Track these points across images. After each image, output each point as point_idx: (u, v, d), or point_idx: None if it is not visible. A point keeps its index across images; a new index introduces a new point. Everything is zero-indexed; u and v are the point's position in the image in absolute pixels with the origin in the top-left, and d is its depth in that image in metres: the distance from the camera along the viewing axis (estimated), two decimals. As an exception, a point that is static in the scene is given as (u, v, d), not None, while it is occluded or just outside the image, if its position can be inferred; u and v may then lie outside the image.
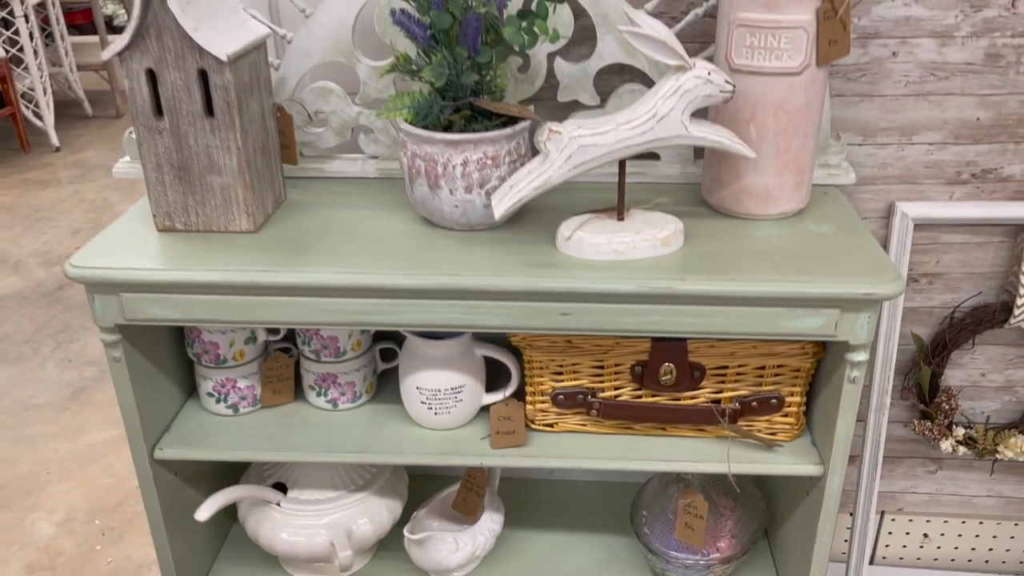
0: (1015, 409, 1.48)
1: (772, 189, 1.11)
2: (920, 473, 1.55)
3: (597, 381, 1.17)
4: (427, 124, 1.07)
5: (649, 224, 1.06)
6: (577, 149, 1.00)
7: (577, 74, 1.21)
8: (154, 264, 1.05)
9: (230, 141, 1.06)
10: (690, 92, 0.98)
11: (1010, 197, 1.32)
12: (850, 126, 1.28)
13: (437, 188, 1.07)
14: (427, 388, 1.17)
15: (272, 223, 1.15)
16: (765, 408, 1.16)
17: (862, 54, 1.24)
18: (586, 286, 1.00)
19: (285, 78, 1.24)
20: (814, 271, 1.01)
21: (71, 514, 2.13)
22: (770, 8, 1.01)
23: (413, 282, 1.01)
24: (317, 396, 1.25)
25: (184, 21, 0.98)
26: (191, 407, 1.28)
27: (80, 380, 2.69)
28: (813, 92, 1.06)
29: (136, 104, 1.05)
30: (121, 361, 1.10)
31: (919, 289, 1.39)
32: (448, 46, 1.03)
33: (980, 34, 1.21)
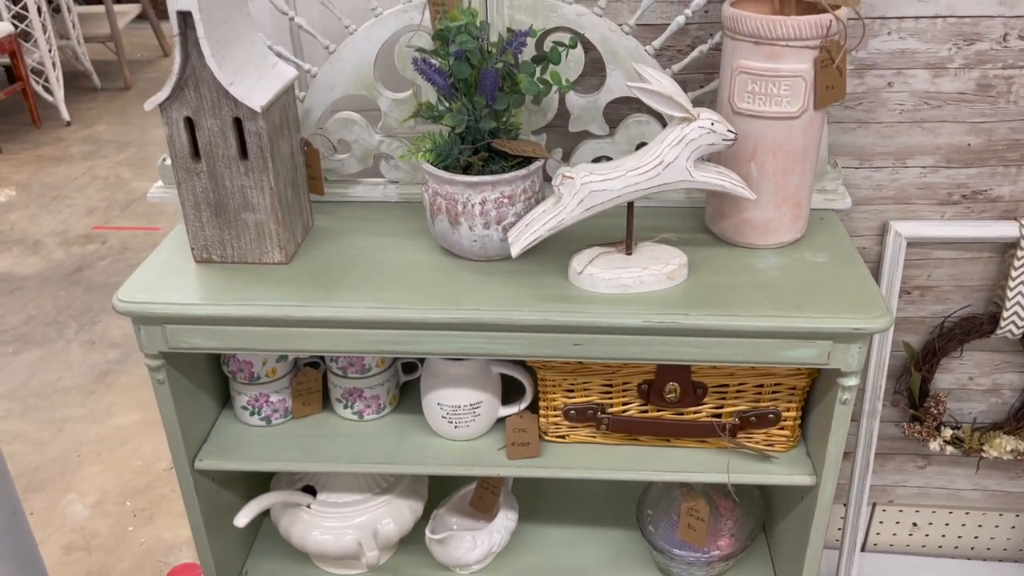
0: (1000, 410, 1.56)
1: (771, 222, 1.18)
2: (910, 468, 1.64)
3: (606, 398, 1.25)
4: (448, 165, 1.14)
5: (655, 259, 1.13)
6: (588, 194, 1.07)
7: (587, 106, 1.27)
8: (194, 297, 1.13)
9: (263, 182, 1.13)
10: (695, 141, 1.05)
11: (999, 216, 1.38)
12: (847, 151, 1.35)
13: (457, 224, 1.14)
14: (448, 404, 1.26)
15: (302, 253, 1.22)
16: (763, 422, 1.25)
17: (859, 84, 1.30)
18: (596, 320, 1.08)
19: (310, 110, 1.30)
20: (809, 305, 1.08)
21: (103, 496, 2.24)
22: (770, 58, 1.07)
23: (436, 316, 1.09)
24: (344, 408, 1.34)
25: (221, 76, 1.04)
26: (226, 418, 1.37)
27: (104, 363, 2.78)
28: (811, 133, 1.13)
29: (175, 148, 1.12)
30: (164, 383, 1.19)
31: (911, 300, 1.47)
32: (467, 94, 1.09)
33: (972, 66, 1.27)
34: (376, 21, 1.24)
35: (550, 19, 1.22)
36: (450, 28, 1.06)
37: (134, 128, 4.70)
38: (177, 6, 1.01)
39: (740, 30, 1.08)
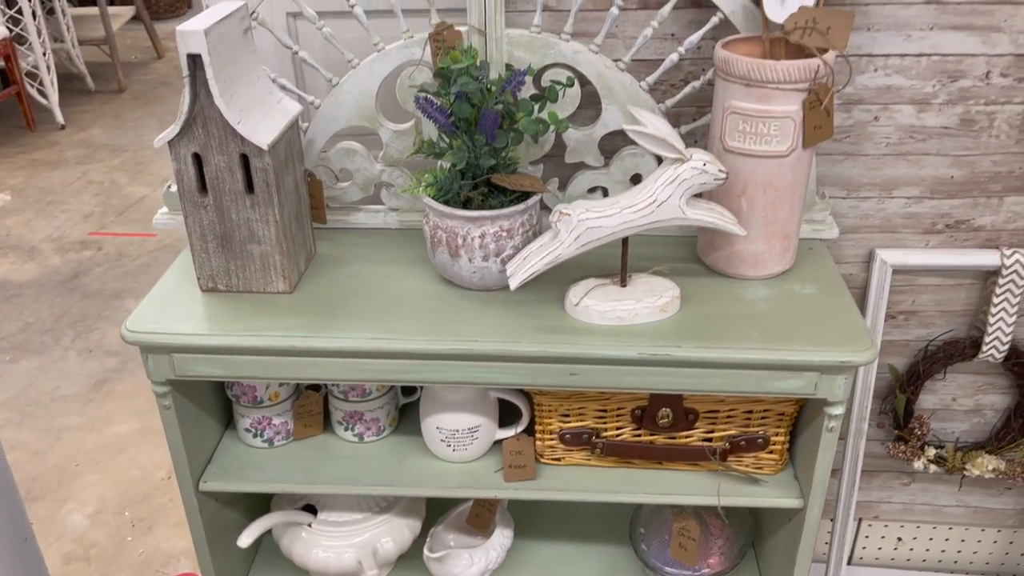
0: (983, 430, 1.61)
1: (761, 254, 1.22)
2: (895, 485, 1.68)
3: (600, 422, 1.29)
4: (448, 199, 1.17)
5: (649, 291, 1.17)
6: (585, 230, 1.11)
7: (583, 139, 1.31)
8: (201, 328, 1.16)
9: (269, 215, 1.16)
10: (687, 181, 1.09)
11: (980, 245, 1.43)
12: (835, 181, 1.39)
13: (457, 256, 1.18)
14: (446, 428, 1.29)
15: (305, 281, 1.26)
16: (752, 446, 1.29)
17: (847, 118, 1.34)
18: (592, 352, 1.11)
19: (313, 140, 1.33)
20: (797, 338, 1.12)
21: (101, 506, 2.27)
22: (760, 99, 1.11)
23: (436, 347, 1.12)
24: (345, 430, 1.37)
25: (229, 116, 1.07)
26: (229, 439, 1.40)
27: (102, 371, 2.81)
28: (799, 170, 1.17)
29: (183, 182, 1.15)
30: (171, 408, 1.22)
31: (896, 325, 1.51)
32: (468, 132, 1.13)
33: (955, 102, 1.31)
34: (378, 56, 1.27)
35: (548, 56, 1.25)
36: (451, 69, 1.10)
37: (128, 132, 4.71)
38: (187, 49, 1.04)
39: (731, 72, 1.12)
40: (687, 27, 1.28)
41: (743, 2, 1.20)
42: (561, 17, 1.28)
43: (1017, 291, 1.41)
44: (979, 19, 1.25)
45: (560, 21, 1.28)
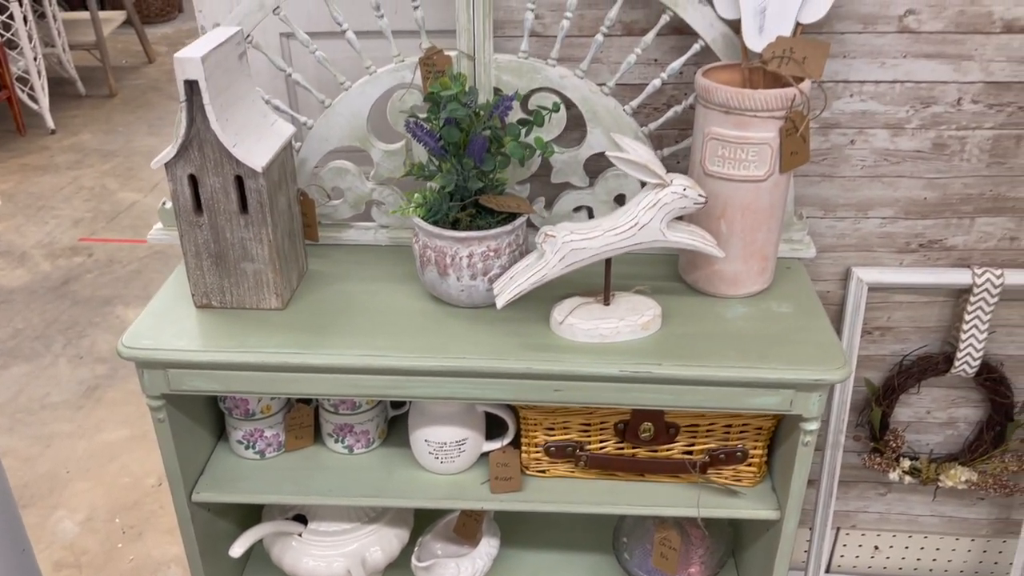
0: (956, 442, 1.65)
1: (739, 274, 1.26)
2: (872, 495, 1.73)
3: (584, 436, 1.33)
4: (437, 220, 1.21)
5: (631, 310, 1.21)
6: (569, 251, 1.14)
7: (569, 160, 1.34)
8: (196, 344, 1.19)
9: (263, 235, 1.19)
10: (668, 205, 1.13)
11: (953, 264, 1.47)
12: (813, 202, 1.43)
13: (446, 275, 1.22)
14: (434, 441, 1.33)
15: (297, 298, 1.29)
16: (731, 459, 1.33)
17: (824, 141, 1.38)
18: (575, 370, 1.15)
19: (305, 159, 1.37)
20: (773, 356, 1.16)
21: (92, 513, 2.29)
22: (738, 127, 1.15)
23: (424, 364, 1.16)
24: (335, 443, 1.40)
25: (225, 139, 1.11)
26: (221, 451, 1.43)
27: (92, 378, 2.83)
28: (776, 194, 1.21)
29: (179, 202, 1.18)
30: (165, 422, 1.25)
31: (872, 340, 1.55)
32: (457, 156, 1.16)
33: (928, 127, 1.36)
34: (370, 79, 1.31)
35: (534, 80, 1.29)
36: (441, 96, 1.14)
37: (119, 137, 4.73)
38: (185, 75, 1.07)
39: (711, 100, 1.16)
40: (670, 53, 1.32)
41: (723, 30, 1.24)
42: (548, 42, 1.32)
43: (988, 308, 1.46)
44: (950, 48, 1.30)
45: (547, 46, 1.32)
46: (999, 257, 1.46)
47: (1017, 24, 1.28)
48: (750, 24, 1.19)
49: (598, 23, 1.30)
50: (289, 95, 1.46)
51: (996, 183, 1.40)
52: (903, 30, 1.29)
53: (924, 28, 1.28)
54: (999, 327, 1.52)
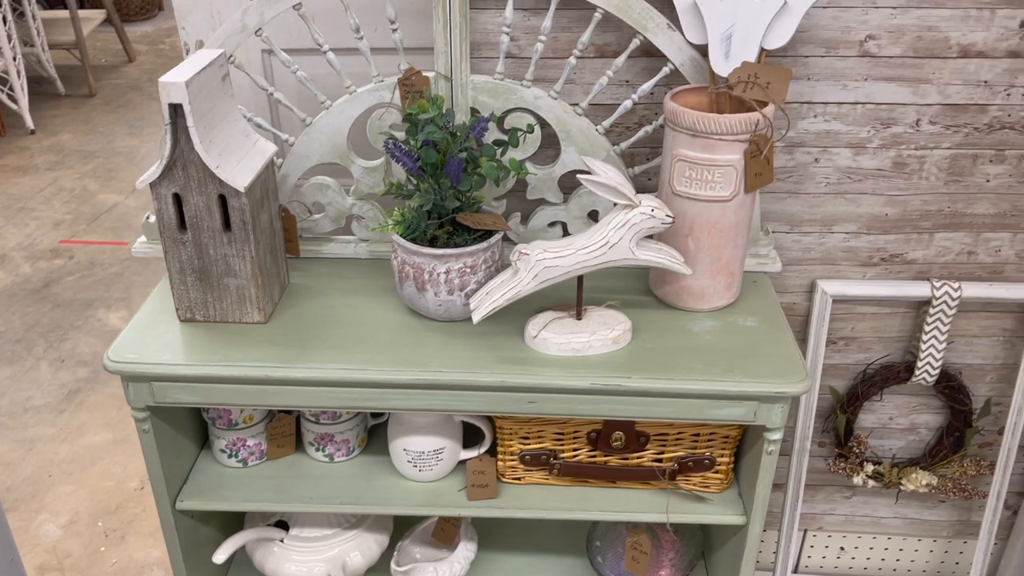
0: (917, 447, 1.71)
1: (707, 289, 1.31)
2: (837, 498, 1.79)
3: (558, 444, 1.37)
4: (415, 237, 1.25)
5: (603, 324, 1.25)
6: (542, 269, 1.19)
7: (544, 178, 1.39)
8: (180, 358, 1.22)
9: (245, 252, 1.23)
10: (636, 225, 1.17)
11: (913, 277, 1.53)
12: (779, 217, 1.48)
13: (423, 291, 1.26)
14: (413, 450, 1.37)
15: (279, 311, 1.33)
16: (699, 467, 1.38)
17: (789, 159, 1.43)
18: (548, 382, 1.20)
19: (287, 175, 1.40)
20: (738, 369, 1.21)
21: (75, 516, 2.31)
22: (705, 149, 1.20)
23: (402, 378, 1.20)
24: (316, 451, 1.44)
25: (208, 160, 1.14)
26: (204, 459, 1.46)
27: (74, 381, 2.84)
28: (742, 213, 1.26)
29: (163, 220, 1.21)
30: (149, 432, 1.29)
31: (837, 350, 1.61)
32: (434, 176, 1.21)
33: (888, 146, 1.41)
34: (350, 98, 1.34)
35: (510, 100, 1.33)
36: (419, 119, 1.17)
37: (99, 137, 4.72)
38: (169, 99, 1.10)
39: (679, 123, 1.20)
40: (641, 74, 1.36)
41: (691, 55, 1.28)
42: (523, 63, 1.36)
43: (946, 320, 1.52)
44: (909, 72, 1.35)
45: (522, 67, 1.36)
46: (957, 270, 1.52)
47: (972, 49, 1.33)
48: (717, 49, 1.24)
49: (572, 45, 1.34)
50: (271, 111, 1.49)
51: (953, 200, 1.46)
52: (864, 54, 1.34)
53: (884, 53, 1.34)
54: (958, 337, 1.58)
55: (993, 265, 1.51)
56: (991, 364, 1.61)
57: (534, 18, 1.33)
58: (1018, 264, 1.51)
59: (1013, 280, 1.52)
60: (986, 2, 1.29)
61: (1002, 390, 1.64)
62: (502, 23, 1.29)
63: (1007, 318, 1.56)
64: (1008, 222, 1.47)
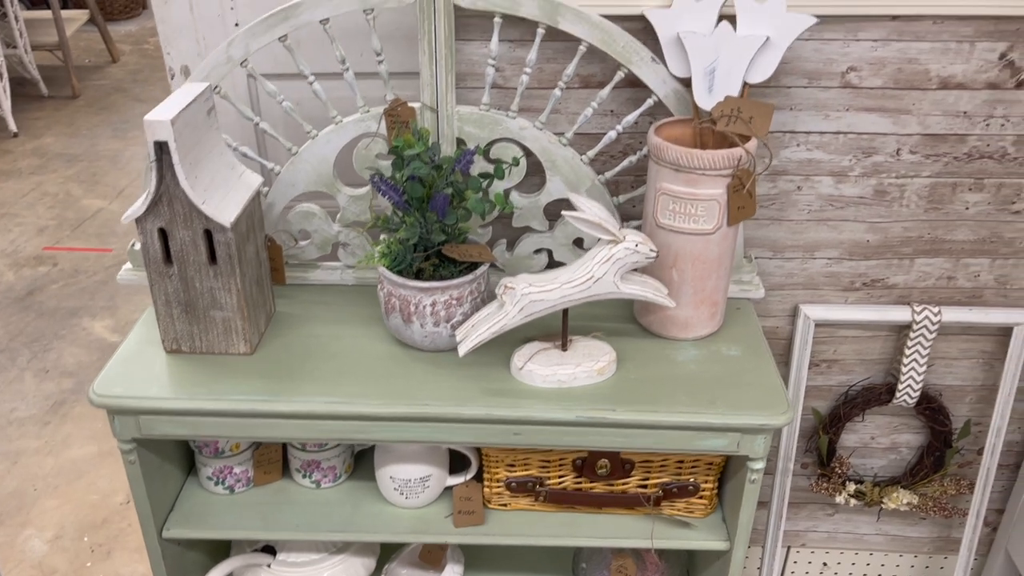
0: (899, 466, 1.74)
1: (690, 319, 1.32)
2: (820, 516, 1.81)
3: (544, 471, 1.39)
4: (401, 270, 1.25)
5: (588, 355, 1.26)
6: (528, 303, 1.20)
7: (529, 206, 1.40)
8: (166, 391, 1.23)
9: (231, 285, 1.23)
10: (621, 260, 1.19)
11: (894, 301, 1.55)
12: (762, 243, 1.50)
13: (410, 322, 1.26)
14: (399, 478, 1.38)
15: (265, 341, 1.33)
16: (684, 492, 1.39)
17: (772, 187, 1.44)
18: (534, 415, 1.21)
19: (273, 203, 1.40)
20: (721, 401, 1.22)
21: (60, 531, 2.31)
22: (688, 184, 1.21)
23: (389, 411, 1.21)
24: (303, 478, 1.45)
25: (194, 196, 1.14)
26: (191, 486, 1.47)
27: (59, 392, 2.83)
28: (725, 245, 1.27)
29: (148, 254, 1.21)
30: (136, 463, 1.29)
31: (819, 372, 1.63)
32: (420, 210, 1.21)
33: (870, 175, 1.43)
34: (336, 128, 1.35)
35: (495, 131, 1.34)
36: (405, 156, 1.18)
37: (83, 140, 4.69)
38: (154, 137, 1.10)
39: (663, 158, 1.21)
40: (625, 104, 1.37)
41: (675, 87, 1.29)
42: (509, 93, 1.37)
43: (927, 343, 1.54)
44: (890, 102, 1.36)
45: (508, 97, 1.37)
46: (937, 295, 1.54)
47: (952, 81, 1.35)
48: (700, 83, 1.25)
49: (557, 76, 1.35)
50: (257, 138, 1.49)
51: (933, 227, 1.47)
52: (845, 85, 1.35)
53: (865, 84, 1.35)
54: (937, 359, 1.60)
55: (972, 290, 1.53)
56: (970, 385, 1.64)
57: (519, 49, 1.34)
58: (996, 289, 1.53)
59: (992, 304, 1.55)
60: (966, 35, 1.31)
61: (981, 410, 1.66)
62: (487, 55, 1.29)
63: (986, 340, 1.59)
64: (987, 248, 1.49)
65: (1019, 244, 1.49)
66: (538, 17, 1.25)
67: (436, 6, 1.24)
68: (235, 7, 1.46)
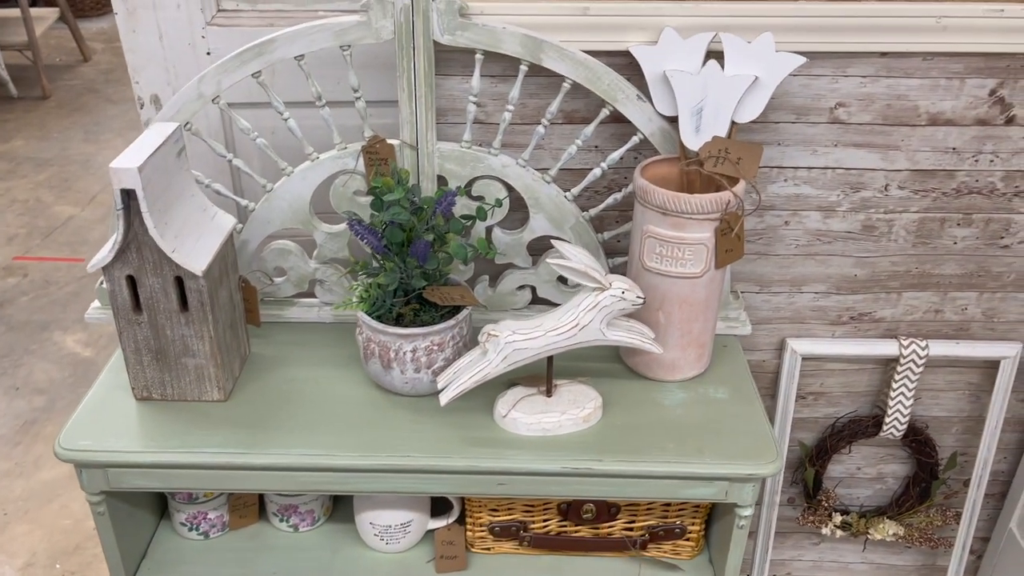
0: (885, 495, 1.72)
1: (677, 361, 1.29)
2: (806, 545, 1.79)
3: (528, 516, 1.35)
4: (381, 315, 1.21)
5: (573, 402, 1.23)
6: (512, 351, 1.16)
7: (512, 243, 1.36)
8: (136, 444, 1.18)
9: (203, 332, 1.19)
10: (607, 307, 1.15)
11: (881, 335, 1.53)
12: (749, 278, 1.47)
13: (389, 368, 1.22)
14: (380, 524, 1.34)
15: (240, 387, 1.29)
16: (670, 535, 1.37)
17: (759, 222, 1.42)
18: (518, 466, 1.17)
19: (247, 241, 1.36)
20: (709, 450, 1.20)
21: (32, 558, 2.25)
22: (675, 227, 1.18)
23: (369, 463, 1.17)
24: (280, 521, 1.41)
25: (164, 245, 1.10)
26: (164, 531, 1.42)
27: (30, 411, 2.76)
28: (712, 288, 1.24)
29: (117, 302, 1.17)
30: (105, 515, 1.24)
31: (806, 404, 1.61)
32: (400, 255, 1.17)
33: (858, 210, 1.40)
34: (312, 165, 1.30)
35: (477, 168, 1.30)
36: (385, 200, 1.14)
37: (54, 144, 4.59)
38: (121, 185, 1.06)
39: (649, 201, 1.18)
40: (610, 140, 1.34)
41: (661, 125, 1.26)
42: (491, 128, 1.33)
43: (914, 377, 1.52)
44: (878, 138, 1.34)
45: (490, 132, 1.33)
46: (924, 328, 1.52)
47: (941, 117, 1.32)
48: (687, 123, 1.22)
49: (539, 112, 1.31)
50: (232, 171, 1.44)
51: (921, 261, 1.45)
52: (834, 121, 1.33)
53: (853, 120, 1.33)
54: (924, 391, 1.59)
55: (959, 323, 1.52)
56: (957, 416, 1.62)
57: (501, 84, 1.30)
58: (984, 322, 1.52)
59: (979, 337, 1.53)
60: (956, 72, 1.29)
61: (967, 441, 1.65)
62: (469, 91, 1.25)
63: (973, 372, 1.57)
64: (975, 282, 1.47)
65: (1007, 278, 1.47)
66: (521, 54, 1.21)
67: (415, 43, 1.20)
68: (207, 36, 1.41)
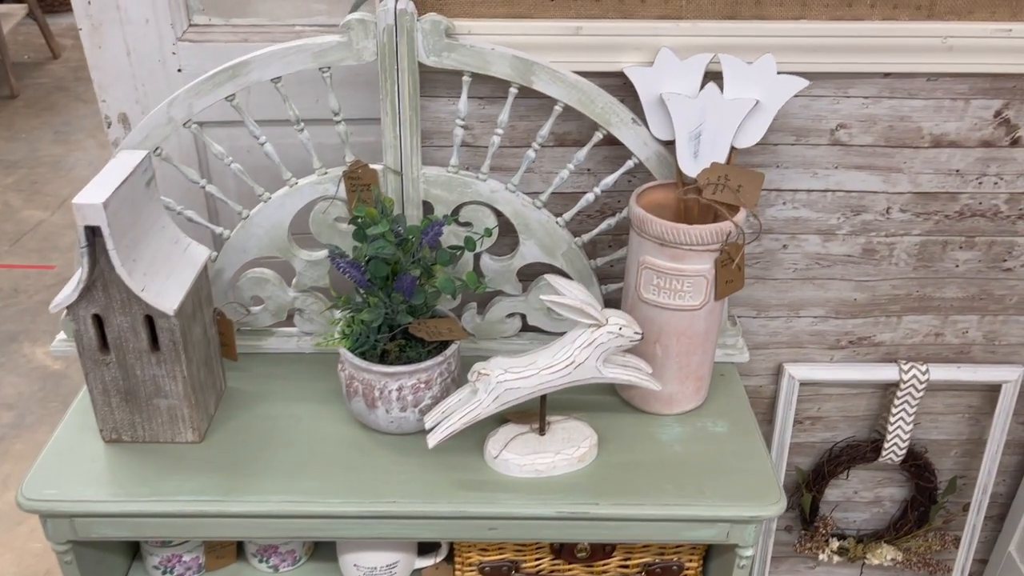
0: (882, 519, 1.68)
1: (675, 394, 1.24)
2: (802, 571, 1.75)
3: (520, 555, 1.30)
4: (364, 351, 1.15)
5: (567, 440, 1.18)
6: (504, 391, 1.10)
7: (502, 270, 1.30)
8: (104, 492, 1.11)
9: (176, 371, 1.12)
10: (603, 344, 1.10)
11: (880, 359, 1.49)
12: (746, 302, 1.42)
13: (374, 407, 1.16)
14: (364, 566, 1.28)
15: (216, 426, 1.22)
16: (667, 573, 1.32)
17: (757, 246, 1.37)
18: (511, 511, 1.12)
19: (222, 270, 1.29)
20: (710, 490, 1.14)
21: (1, 585, 2.17)
22: (674, 259, 1.13)
23: (352, 509, 1.11)
24: (259, 562, 1.34)
25: (132, 284, 1.03)
26: (136, 573, 1.35)
27: (-3, 428, 2.68)
28: (711, 320, 1.19)
29: (82, 342, 1.10)
30: (72, 563, 1.17)
31: (803, 429, 1.56)
32: (385, 290, 1.11)
33: (858, 233, 1.36)
34: (290, 191, 1.24)
35: (465, 194, 1.24)
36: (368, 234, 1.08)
37: (22, 145, 4.46)
38: (85, 222, 0.99)
39: (647, 231, 1.13)
40: (603, 163, 1.28)
41: (657, 149, 1.21)
42: (479, 151, 1.27)
43: (914, 401, 1.48)
44: (880, 160, 1.29)
45: (478, 155, 1.27)
46: (924, 351, 1.48)
47: (945, 139, 1.28)
48: (684, 149, 1.16)
49: (529, 135, 1.25)
50: (208, 203, 1.37)
51: (922, 284, 1.41)
52: (835, 143, 1.28)
53: (855, 142, 1.28)
54: (923, 414, 1.55)
55: (960, 346, 1.48)
56: (956, 440, 1.59)
57: (490, 106, 1.24)
58: (985, 345, 1.48)
59: (979, 361, 1.49)
60: (960, 93, 1.24)
61: (966, 464, 1.61)
62: (456, 114, 1.19)
63: (973, 396, 1.53)
64: (976, 305, 1.43)
65: (1009, 301, 1.43)
66: (510, 77, 1.15)
67: (399, 65, 1.14)
68: (177, 52, 1.34)
